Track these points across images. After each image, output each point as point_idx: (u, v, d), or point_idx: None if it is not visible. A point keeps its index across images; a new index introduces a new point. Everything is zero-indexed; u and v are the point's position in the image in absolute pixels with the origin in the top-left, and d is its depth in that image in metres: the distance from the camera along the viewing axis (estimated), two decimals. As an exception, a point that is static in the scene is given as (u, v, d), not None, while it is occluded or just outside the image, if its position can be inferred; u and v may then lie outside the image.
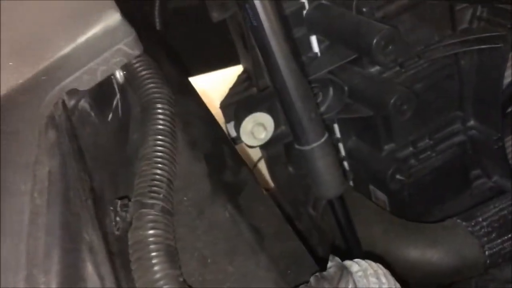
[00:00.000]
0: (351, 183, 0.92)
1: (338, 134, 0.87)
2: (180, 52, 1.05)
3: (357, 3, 0.68)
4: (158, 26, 0.90)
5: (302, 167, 0.74)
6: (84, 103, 0.44)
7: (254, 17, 0.48)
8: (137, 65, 0.57)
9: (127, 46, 0.43)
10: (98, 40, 0.43)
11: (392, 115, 0.69)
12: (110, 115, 0.47)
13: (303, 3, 0.74)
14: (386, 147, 0.81)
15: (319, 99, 0.78)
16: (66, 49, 0.41)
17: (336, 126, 0.86)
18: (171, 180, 0.50)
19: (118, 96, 0.49)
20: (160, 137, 0.52)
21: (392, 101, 0.67)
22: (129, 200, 0.48)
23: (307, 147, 0.53)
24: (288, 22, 0.70)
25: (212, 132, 0.61)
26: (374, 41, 0.62)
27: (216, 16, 0.76)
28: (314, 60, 0.77)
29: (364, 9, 0.68)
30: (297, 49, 0.70)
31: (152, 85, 0.56)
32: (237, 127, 0.82)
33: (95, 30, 0.43)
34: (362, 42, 0.64)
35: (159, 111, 0.54)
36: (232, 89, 0.88)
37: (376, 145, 0.82)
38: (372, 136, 0.82)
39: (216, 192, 0.54)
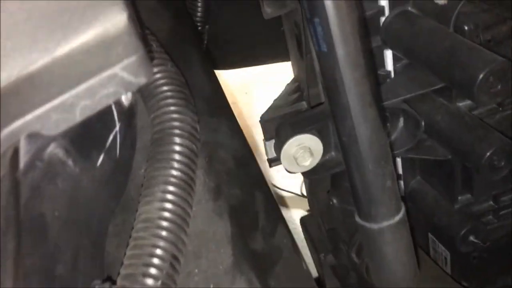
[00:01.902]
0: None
1: (399, 170, 0.70)
2: (224, 40, 0.89)
3: (458, 17, 0.51)
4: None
5: (350, 203, 0.58)
6: (54, 149, 0.28)
7: (324, 39, 0.31)
8: (156, 75, 0.42)
9: (128, 71, 0.28)
10: (84, 56, 0.27)
11: (483, 171, 0.52)
12: (101, 158, 0.32)
13: (382, 7, 0.57)
14: (462, 198, 0.63)
15: (386, 130, 0.61)
16: (31, 66, 0.26)
17: (398, 160, 0.69)
18: (177, 256, 0.35)
19: (117, 128, 0.34)
20: (171, 188, 0.37)
21: (487, 154, 0.50)
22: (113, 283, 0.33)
23: (374, 226, 0.37)
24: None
25: (244, 173, 0.46)
26: (481, 76, 0.44)
27: (269, 12, 0.59)
28: (385, 81, 0.60)
29: (466, 27, 0.50)
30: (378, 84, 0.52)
31: (171, 108, 0.40)
32: (278, 149, 0.66)
33: (82, 37, 0.28)
34: (459, 74, 0.47)
35: (176, 148, 0.39)
36: (277, 100, 0.72)
37: (449, 194, 0.64)
38: (444, 181, 0.64)
39: (240, 264, 0.39)
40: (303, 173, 0.74)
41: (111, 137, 0.33)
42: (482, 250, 0.67)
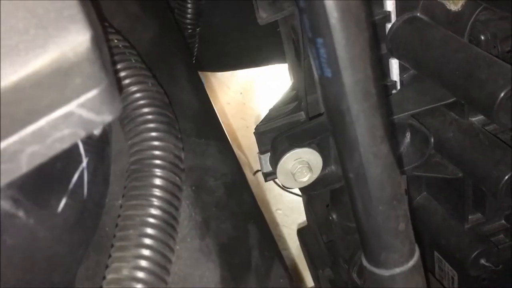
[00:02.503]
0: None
1: (404, 185, 0.65)
2: (217, 42, 0.84)
3: (474, 25, 0.45)
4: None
5: (351, 220, 0.53)
6: (-1, 203, 0.23)
7: (328, 63, 0.26)
8: (134, 95, 0.36)
9: (88, 108, 0.22)
10: (33, 90, 0.22)
11: (499, 196, 0.46)
12: (63, 202, 0.27)
13: (389, 12, 0.51)
14: (472, 217, 0.58)
15: (391, 147, 0.56)
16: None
17: (404, 177, 0.64)
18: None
19: (84, 163, 0.29)
20: (149, 231, 0.32)
21: (506, 178, 0.45)
22: None
23: (385, 272, 0.32)
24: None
25: (236, 203, 0.40)
26: (502, 95, 0.39)
27: (264, 17, 0.54)
28: (390, 93, 0.55)
29: (482, 37, 0.45)
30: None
31: (151, 134, 0.35)
32: (274, 163, 0.61)
33: (32, 65, 0.22)
34: (476, 91, 0.42)
35: (156, 182, 0.33)
36: (273, 110, 0.66)
37: (458, 213, 0.59)
38: (454, 199, 0.59)
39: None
40: (301, 189, 0.69)
41: (76, 176, 0.28)
42: (493, 271, 0.62)
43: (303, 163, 0.59)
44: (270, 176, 0.63)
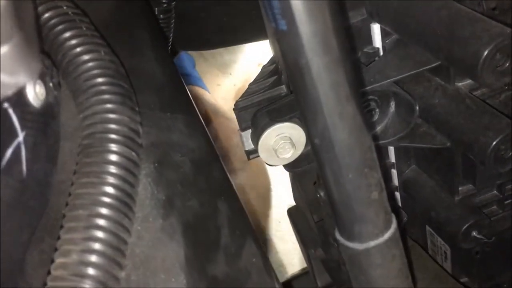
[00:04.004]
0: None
1: (392, 159, 0.62)
2: (199, 19, 0.81)
3: (457, -18, 0.42)
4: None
5: None
6: None
7: (282, 14, 0.23)
8: (85, 65, 0.33)
9: (-2, 67, 0.19)
10: None
11: (488, 163, 0.44)
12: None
13: (367, -26, 0.48)
14: (463, 189, 0.55)
15: (374, 118, 0.53)
16: None
17: (391, 147, 0.61)
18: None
19: (20, 138, 0.26)
20: (102, 211, 0.29)
21: (493, 144, 0.42)
22: None
23: (358, 246, 0.29)
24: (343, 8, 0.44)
25: (204, 179, 0.38)
26: (485, 52, 0.36)
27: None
28: (373, 60, 0.52)
29: (466, -7, 0.42)
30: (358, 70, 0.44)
31: (104, 106, 0.32)
32: (256, 140, 0.58)
33: None
34: (459, 50, 0.39)
35: (109, 157, 0.31)
36: (253, 85, 0.63)
37: (449, 185, 0.56)
38: (443, 171, 0.56)
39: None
40: (285, 166, 0.66)
41: (9, 152, 0.25)
42: (486, 244, 0.59)
43: (285, 139, 0.56)
44: (252, 154, 0.61)
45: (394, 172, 0.62)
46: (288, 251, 1.06)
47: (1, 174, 0.24)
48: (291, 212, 0.85)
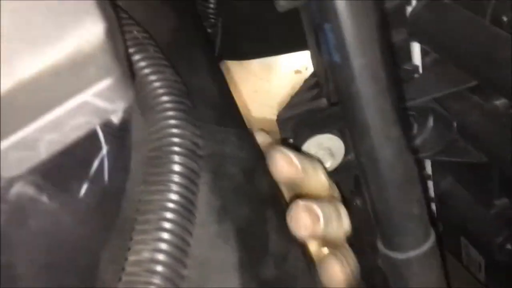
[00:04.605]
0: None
1: (428, 171, 0.65)
2: (238, 31, 0.84)
3: (496, 7, 0.44)
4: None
5: None
6: (22, 188, 0.24)
7: (337, 48, 0.26)
8: (153, 84, 0.37)
9: (102, 97, 0.23)
10: (51, 80, 0.23)
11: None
12: (84, 188, 0.29)
13: (409, -4, 0.51)
14: (498, 202, 0.57)
15: (413, 132, 0.56)
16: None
17: (428, 161, 0.63)
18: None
19: (104, 151, 0.30)
20: (168, 215, 0.33)
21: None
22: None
23: (399, 255, 0.32)
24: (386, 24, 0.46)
25: (254, 188, 0.41)
26: (522, 76, 0.38)
27: (283, 4, 0.54)
28: (412, 77, 0.54)
29: (504, 18, 0.44)
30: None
31: (169, 122, 0.36)
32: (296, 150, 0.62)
33: (50, 56, 0.23)
34: (497, 73, 0.41)
35: (174, 168, 0.34)
36: (295, 97, 0.66)
37: (484, 198, 0.58)
38: (479, 184, 0.58)
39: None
40: (324, 175, 0.69)
41: (96, 163, 0.29)
42: (521, 257, 0.61)
43: (324, 150, 0.60)
44: (293, 163, 0.64)
45: (430, 183, 0.64)
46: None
47: (88, 182, 0.28)
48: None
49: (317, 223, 0.39)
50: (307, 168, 0.45)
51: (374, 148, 0.28)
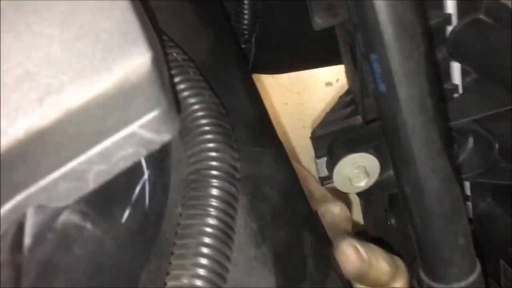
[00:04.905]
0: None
1: (467, 192, 0.63)
2: (271, 44, 0.85)
3: (541, 27, 0.43)
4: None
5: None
6: (68, 216, 0.25)
7: (383, 79, 0.26)
8: (192, 107, 0.37)
9: (149, 129, 0.23)
10: (99, 111, 0.23)
11: None
12: (126, 213, 0.29)
13: (449, 15, 0.50)
14: (540, 226, 0.56)
15: (453, 152, 0.54)
16: (41, 122, 0.23)
17: (467, 183, 0.62)
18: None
19: (145, 176, 0.31)
20: (207, 240, 0.33)
21: None
22: None
23: (443, 287, 0.31)
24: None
25: (291, 211, 0.41)
26: None
27: (319, 23, 0.54)
28: (452, 97, 0.53)
29: (551, 39, 0.43)
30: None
31: (208, 145, 0.36)
32: (330, 168, 0.61)
33: (98, 86, 0.24)
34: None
35: (213, 192, 0.35)
36: (329, 114, 0.66)
37: (525, 221, 0.57)
38: (520, 207, 0.57)
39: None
40: (358, 194, 0.68)
41: (138, 189, 0.29)
42: None
43: (359, 168, 0.59)
44: (326, 180, 0.64)
45: (468, 204, 0.63)
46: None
47: (130, 208, 0.29)
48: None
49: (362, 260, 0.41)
50: (371, 258, 0.46)
51: (420, 179, 0.28)
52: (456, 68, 0.52)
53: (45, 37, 0.24)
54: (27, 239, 0.23)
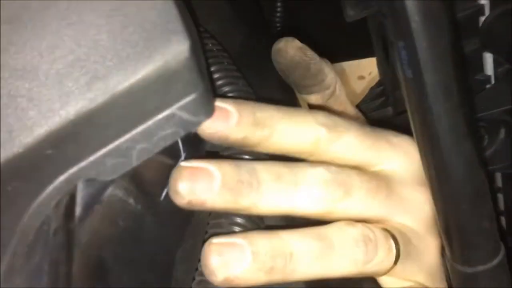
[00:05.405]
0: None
1: (499, 183, 0.63)
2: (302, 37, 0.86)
3: None
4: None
5: None
6: (114, 191, 0.27)
7: (409, 65, 0.27)
8: (226, 95, 0.39)
9: (187, 111, 0.26)
10: (143, 94, 0.25)
11: None
12: (165, 192, 0.31)
13: (482, 5, 0.50)
14: None
15: (483, 144, 0.55)
16: (91, 105, 0.25)
17: (498, 174, 0.62)
18: None
19: (182, 158, 0.33)
20: (238, 220, 0.35)
21: None
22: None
23: (467, 269, 0.32)
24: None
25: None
26: None
27: (351, 14, 0.55)
28: (484, 88, 0.53)
29: None
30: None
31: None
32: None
33: (142, 72, 0.26)
34: None
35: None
36: (360, 105, 0.67)
37: (558, 214, 0.56)
38: (552, 199, 0.57)
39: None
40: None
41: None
42: None
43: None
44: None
45: (500, 196, 0.63)
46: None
47: (167, 187, 0.31)
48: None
49: None
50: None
51: (444, 162, 0.29)
52: (488, 59, 0.52)
53: (94, 26, 0.26)
54: (78, 209, 0.25)
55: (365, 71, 0.98)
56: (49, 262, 0.23)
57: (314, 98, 0.43)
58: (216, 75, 0.39)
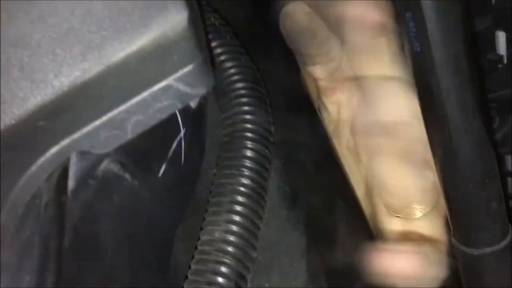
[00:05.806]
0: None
1: (509, 167, 0.62)
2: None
3: None
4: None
5: None
6: (109, 165, 0.27)
7: (417, 38, 0.26)
8: (228, 71, 0.38)
9: (184, 82, 0.25)
10: (138, 65, 0.24)
11: None
12: (163, 168, 0.30)
13: (496, -19, 0.48)
14: None
15: (494, 126, 0.53)
16: (84, 75, 0.24)
17: (509, 157, 0.61)
18: (244, 274, 0.32)
19: (182, 134, 0.32)
20: (240, 199, 0.34)
21: None
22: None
23: (474, 251, 0.31)
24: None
25: (325, 178, 0.42)
26: None
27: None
28: (496, 68, 0.52)
29: None
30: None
31: (243, 108, 0.37)
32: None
33: (138, 42, 0.25)
34: None
35: (247, 153, 0.36)
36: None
37: None
38: None
39: (314, 281, 0.36)
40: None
41: (174, 145, 0.31)
42: None
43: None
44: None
45: (510, 180, 0.62)
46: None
47: (167, 163, 0.30)
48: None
49: None
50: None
51: (453, 140, 0.28)
52: (501, 37, 0.50)
53: (88, -6, 0.25)
54: (71, 183, 0.24)
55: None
56: (40, 235, 0.23)
57: (318, 71, 0.42)
58: (218, 50, 0.38)
